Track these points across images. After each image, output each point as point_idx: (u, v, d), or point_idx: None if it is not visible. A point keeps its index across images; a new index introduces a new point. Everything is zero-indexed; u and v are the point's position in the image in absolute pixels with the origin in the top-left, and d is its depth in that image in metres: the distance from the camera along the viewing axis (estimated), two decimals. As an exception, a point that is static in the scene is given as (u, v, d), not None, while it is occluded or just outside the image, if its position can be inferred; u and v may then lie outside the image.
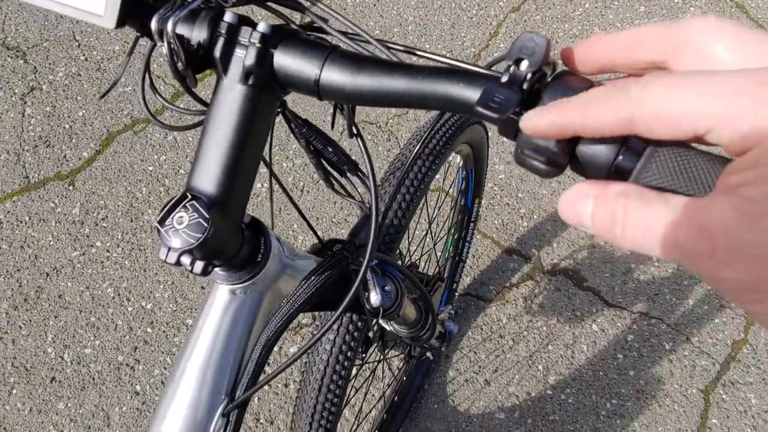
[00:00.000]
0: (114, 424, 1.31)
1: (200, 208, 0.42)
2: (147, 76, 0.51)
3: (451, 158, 1.10)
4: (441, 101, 0.36)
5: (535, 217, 1.59)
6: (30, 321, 1.43)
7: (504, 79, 0.31)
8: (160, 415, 0.55)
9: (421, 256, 1.28)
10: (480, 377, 1.38)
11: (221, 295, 0.51)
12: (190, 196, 0.42)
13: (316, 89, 0.41)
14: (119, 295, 1.46)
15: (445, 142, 0.89)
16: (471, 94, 0.34)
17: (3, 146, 1.67)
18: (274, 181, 0.89)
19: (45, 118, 1.72)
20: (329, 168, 0.62)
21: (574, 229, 1.56)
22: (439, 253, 1.33)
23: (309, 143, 0.60)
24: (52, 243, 1.53)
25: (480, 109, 0.30)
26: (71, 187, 1.61)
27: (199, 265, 0.43)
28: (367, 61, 0.39)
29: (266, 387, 1.36)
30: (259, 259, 0.49)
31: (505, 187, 1.63)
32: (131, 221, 1.56)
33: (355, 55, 0.40)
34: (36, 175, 1.63)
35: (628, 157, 0.29)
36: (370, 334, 1.00)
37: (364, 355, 1.01)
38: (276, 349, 1.41)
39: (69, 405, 1.33)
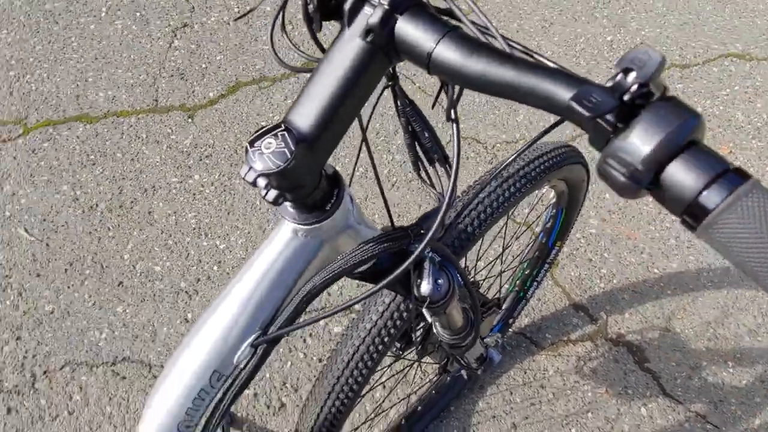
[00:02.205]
0: (158, 340, 1.39)
1: (289, 140, 0.44)
2: (281, 15, 0.54)
3: (544, 191, 1.07)
4: (538, 96, 0.36)
5: (614, 281, 1.52)
6: (118, 226, 1.55)
7: (608, 84, 0.31)
8: (196, 327, 0.59)
9: (485, 278, 1.26)
10: (508, 419, 1.34)
11: (284, 232, 0.53)
12: (283, 127, 0.45)
13: (426, 62, 0.42)
14: (199, 228, 1.55)
15: (542, 170, 0.87)
16: (567, 93, 0.33)
17: (145, 68, 1.82)
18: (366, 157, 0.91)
19: (187, 53, 1.86)
20: (420, 153, 0.63)
21: (652, 306, 1.47)
22: (504, 283, 1.31)
23: (409, 123, 0.61)
24: (158, 164, 1.65)
25: (573, 104, 0.30)
26: (190, 120, 1.73)
27: (272, 193, 0.45)
28: (481, 47, 0.40)
29: (300, 356, 1.39)
30: (328, 208, 0.51)
31: (592, 242, 1.57)
32: (230, 166, 1.65)
33: (472, 39, 0.41)
34: (164, 101, 1.76)
35: (715, 192, 0.27)
36: (414, 334, 1.00)
37: (401, 352, 1.01)
38: (322, 323, 1.44)
39: (126, 311, 1.43)
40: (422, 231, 0.56)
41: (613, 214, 1.62)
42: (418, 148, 0.62)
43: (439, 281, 0.60)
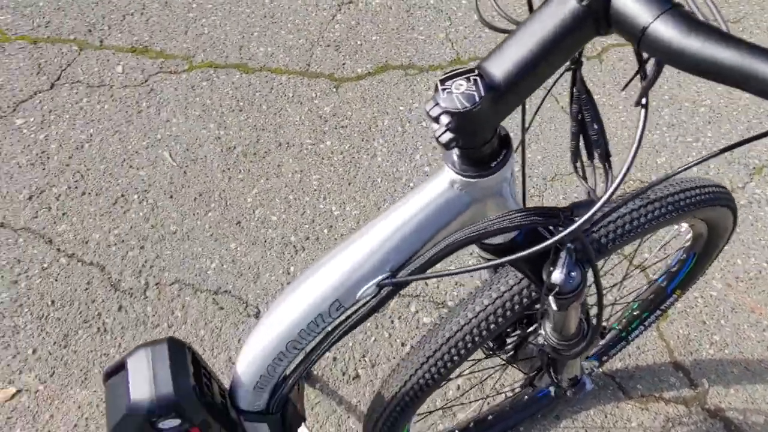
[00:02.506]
0: (260, 284, 1.47)
1: (480, 85, 0.45)
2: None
3: (682, 230, 1.02)
4: (763, 81, 0.34)
5: (726, 351, 1.41)
6: (248, 171, 1.64)
7: None
8: (329, 256, 0.61)
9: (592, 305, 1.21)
10: (577, 457, 1.28)
11: (441, 182, 0.54)
12: (476, 72, 0.46)
13: (639, 36, 0.42)
14: (320, 190, 1.62)
15: (690, 202, 0.83)
16: None
17: (306, 34, 1.92)
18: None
19: (347, 28, 1.94)
20: (583, 145, 0.62)
21: (764, 389, 1.35)
22: (609, 316, 1.26)
23: (580, 111, 0.60)
24: (296, 123, 1.73)
25: None
26: (334, 90, 1.80)
27: (448, 135, 0.47)
28: (702, 26, 0.39)
29: (386, 335, 1.41)
30: (493, 165, 0.51)
31: (710, 305, 1.46)
32: (362, 140, 1.70)
33: (694, 18, 0.40)
34: (316, 67, 1.85)
35: None
36: (510, 337, 0.98)
37: (491, 353, 1.00)
38: (413, 308, 1.45)
39: (238, 248, 1.52)
40: (573, 218, 0.55)
41: (741, 282, 1.50)
42: (582, 140, 0.62)
43: (572, 274, 0.59)
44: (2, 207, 1.56)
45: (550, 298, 0.59)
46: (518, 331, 0.97)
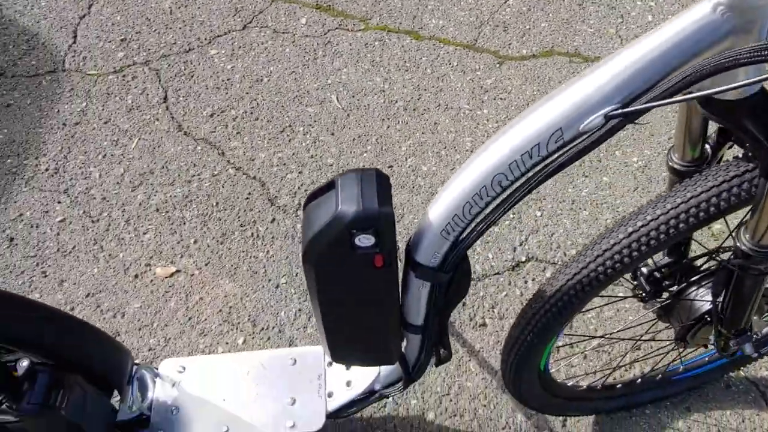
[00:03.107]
0: (403, 224, 1.53)
1: None
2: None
3: None
4: None
5: None
6: (406, 123, 1.73)
7: None
8: (561, 88, 0.62)
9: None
10: (706, 452, 1.20)
11: (704, 6, 0.53)
12: None
13: None
14: (472, 151, 1.66)
15: None
16: None
17: (477, 13, 1.99)
18: None
19: (517, 12, 1.99)
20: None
21: None
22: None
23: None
24: (457, 89, 1.80)
25: None
26: (498, 65, 1.85)
27: None
28: None
29: (518, 292, 1.41)
30: None
31: None
32: (518, 113, 1.73)
33: None
34: (482, 43, 1.91)
35: None
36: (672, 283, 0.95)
37: (651, 296, 0.97)
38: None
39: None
40: None
41: None
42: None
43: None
44: (188, 119, 1.75)
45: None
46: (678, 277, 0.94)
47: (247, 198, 1.59)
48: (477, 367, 1.33)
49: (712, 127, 0.77)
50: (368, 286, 0.77)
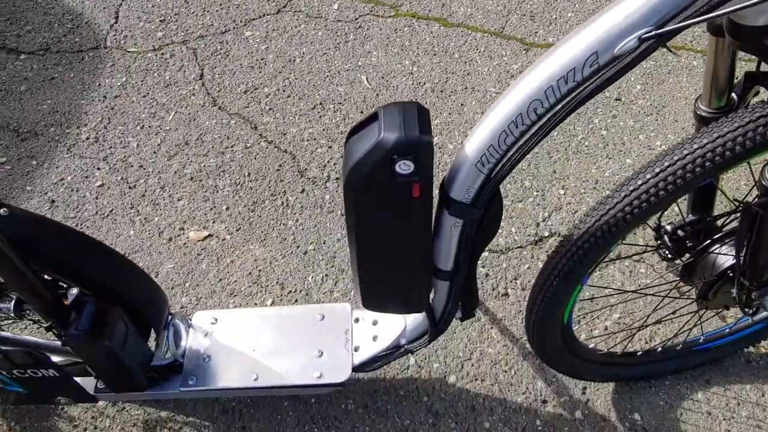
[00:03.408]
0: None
1: None
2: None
3: None
4: None
5: None
6: (433, 104, 1.77)
7: None
8: (596, 15, 0.66)
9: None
10: (723, 425, 1.22)
11: None
12: None
13: None
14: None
15: None
16: None
17: (504, 2, 2.04)
18: None
19: (544, 3, 2.03)
20: None
21: None
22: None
23: None
24: (484, 73, 1.84)
25: None
26: (524, 52, 1.89)
27: None
28: None
29: (539, 265, 1.44)
30: None
31: None
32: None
33: None
34: (509, 31, 1.95)
35: None
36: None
37: (674, 255, 0.99)
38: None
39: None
40: None
41: None
42: None
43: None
44: (222, 95, 1.81)
45: None
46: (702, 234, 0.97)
47: (278, 170, 1.64)
48: (499, 335, 1.36)
49: (739, 76, 0.80)
50: (404, 219, 0.81)
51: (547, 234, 1.50)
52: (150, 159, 1.67)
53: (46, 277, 0.94)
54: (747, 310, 0.98)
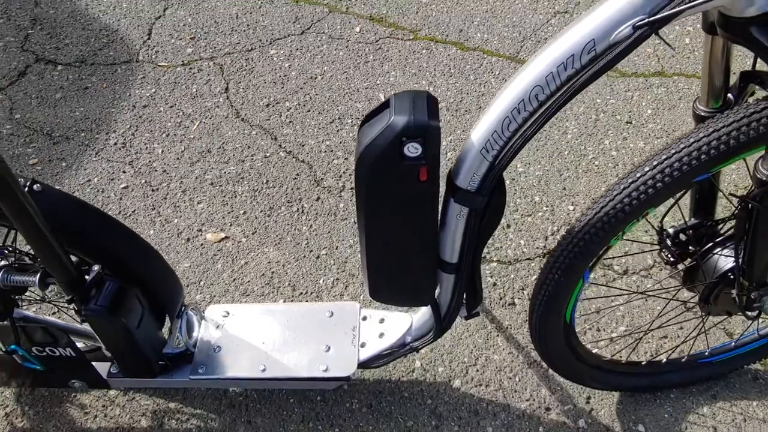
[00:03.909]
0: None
1: None
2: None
3: None
4: None
5: None
6: (448, 121, 1.82)
7: None
8: (594, 6, 0.71)
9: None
10: None
11: None
12: None
13: None
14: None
15: None
16: None
17: (519, 30, 2.11)
18: None
19: (558, 31, 2.10)
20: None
21: None
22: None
23: None
24: (494, 92, 1.89)
25: None
26: (538, 75, 1.95)
27: None
28: None
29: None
30: None
31: None
32: (556, 119, 1.82)
33: None
34: (524, 55, 2.02)
35: None
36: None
37: (677, 258, 1.02)
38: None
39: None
40: None
41: None
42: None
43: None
44: (245, 108, 1.89)
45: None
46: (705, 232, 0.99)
47: (295, 178, 1.70)
48: (504, 343, 1.37)
49: (734, 78, 0.84)
50: (411, 203, 0.85)
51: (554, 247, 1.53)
52: (173, 164, 1.74)
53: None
54: (748, 313, 0.99)
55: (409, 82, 1.94)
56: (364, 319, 1.24)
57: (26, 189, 0.92)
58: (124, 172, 1.73)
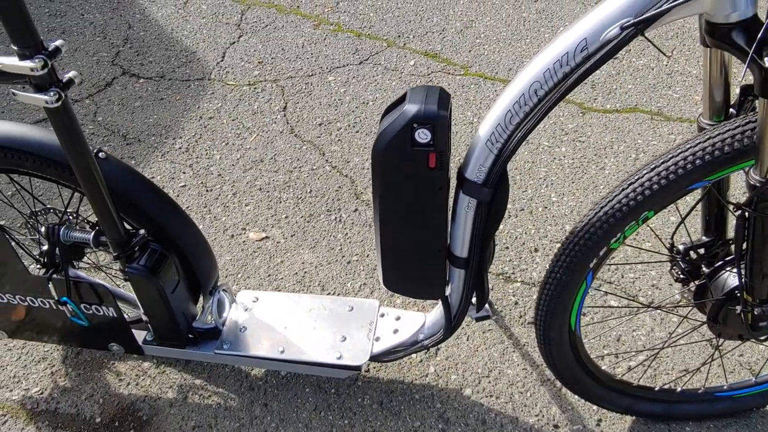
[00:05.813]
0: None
1: None
2: None
3: None
4: None
5: None
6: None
7: None
8: (590, 9, 0.78)
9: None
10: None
11: None
12: None
13: None
14: (545, 180, 1.79)
15: None
16: None
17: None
18: None
19: (606, 75, 2.16)
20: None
21: None
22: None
23: None
24: (538, 129, 1.96)
25: None
26: (581, 114, 2.01)
27: None
28: None
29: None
30: None
31: None
32: (594, 155, 1.85)
33: None
34: (570, 96, 2.08)
35: None
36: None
37: (688, 276, 1.03)
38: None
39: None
40: None
41: None
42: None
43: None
44: (300, 125, 2.04)
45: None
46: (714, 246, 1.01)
47: (337, 190, 1.81)
48: (520, 359, 1.39)
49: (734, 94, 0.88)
50: (421, 189, 0.92)
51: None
52: (228, 170, 1.89)
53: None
54: (755, 333, 0.99)
55: (455, 113, 2.04)
56: (382, 315, 1.30)
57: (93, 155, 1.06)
58: (183, 172, 1.89)
